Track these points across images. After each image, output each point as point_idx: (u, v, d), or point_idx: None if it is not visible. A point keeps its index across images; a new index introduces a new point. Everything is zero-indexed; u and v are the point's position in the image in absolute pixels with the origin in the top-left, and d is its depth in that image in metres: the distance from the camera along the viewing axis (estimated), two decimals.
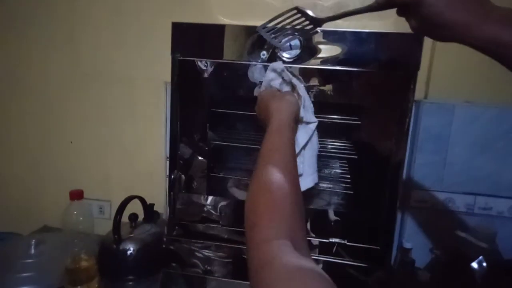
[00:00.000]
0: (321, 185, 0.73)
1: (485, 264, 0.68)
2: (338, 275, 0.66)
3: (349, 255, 0.68)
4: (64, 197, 0.75)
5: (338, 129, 0.73)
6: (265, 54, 0.65)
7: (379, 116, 0.65)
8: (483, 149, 0.80)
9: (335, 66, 0.63)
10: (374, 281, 0.66)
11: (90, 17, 0.94)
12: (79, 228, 0.72)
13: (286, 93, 0.59)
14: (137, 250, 0.75)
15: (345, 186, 0.74)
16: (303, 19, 0.56)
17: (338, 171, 0.79)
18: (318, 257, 0.68)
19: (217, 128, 0.75)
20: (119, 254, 0.74)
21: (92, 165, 1.01)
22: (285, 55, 0.64)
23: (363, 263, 0.67)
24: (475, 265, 0.68)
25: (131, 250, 0.75)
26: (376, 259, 0.67)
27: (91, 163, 1.01)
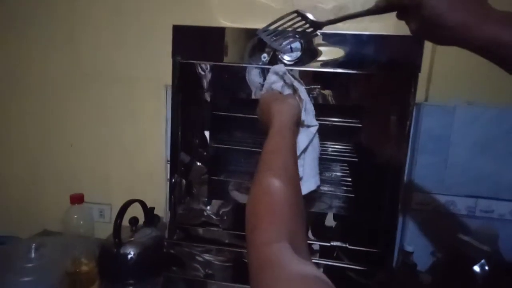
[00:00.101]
0: (322, 188, 0.73)
1: (487, 267, 0.68)
2: (339, 278, 0.66)
3: (350, 259, 0.68)
4: (64, 198, 0.75)
5: (338, 131, 0.73)
6: (266, 56, 0.65)
7: (380, 118, 0.65)
8: (483, 150, 0.80)
9: (335, 68, 0.63)
10: (375, 284, 0.66)
11: (90, 17, 0.94)
12: (79, 231, 0.72)
13: (287, 96, 0.58)
14: (138, 254, 0.75)
15: (346, 189, 0.73)
16: (303, 23, 0.56)
17: (339, 174, 0.79)
18: (319, 261, 0.68)
19: (218, 131, 0.74)
20: (119, 258, 0.74)
21: (92, 166, 1.01)
22: (286, 58, 0.64)
23: (365, 266, 0.67)
24: (477, 268, 0.68)
25: (131, 254, 0.74)
26: (377, 262, 0.67)
27: (91, 164, 1.01)
